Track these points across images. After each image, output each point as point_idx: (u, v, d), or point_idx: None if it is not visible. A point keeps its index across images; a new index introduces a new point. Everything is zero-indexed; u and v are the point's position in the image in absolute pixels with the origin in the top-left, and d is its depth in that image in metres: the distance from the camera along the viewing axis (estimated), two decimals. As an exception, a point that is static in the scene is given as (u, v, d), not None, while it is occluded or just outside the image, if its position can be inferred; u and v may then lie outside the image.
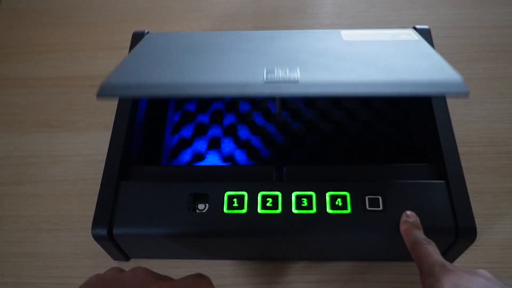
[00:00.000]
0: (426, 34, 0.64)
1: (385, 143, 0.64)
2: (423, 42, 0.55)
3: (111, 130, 0.58)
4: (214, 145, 0.65)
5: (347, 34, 0.58)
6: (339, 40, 0.56)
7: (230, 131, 0.66)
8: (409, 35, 0.59)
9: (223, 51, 0.54)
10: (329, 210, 0.50)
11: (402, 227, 0.48)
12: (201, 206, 0.52)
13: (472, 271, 0.41)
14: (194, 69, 0.49)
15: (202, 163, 0.63)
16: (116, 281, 0.38)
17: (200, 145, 0.65)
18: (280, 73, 0.46)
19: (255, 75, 0.45)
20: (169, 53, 0.55)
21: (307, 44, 0.55)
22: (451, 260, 0.55)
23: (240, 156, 0.64)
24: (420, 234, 0.47)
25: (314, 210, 0.50)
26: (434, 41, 0.63)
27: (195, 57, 0.53)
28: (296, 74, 0.45)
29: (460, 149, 0.54)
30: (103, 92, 0.45)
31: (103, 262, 0.59)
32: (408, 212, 0.49)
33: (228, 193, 0.52)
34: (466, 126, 0.68)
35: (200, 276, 0.41)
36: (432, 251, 0.45)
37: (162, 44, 0.58)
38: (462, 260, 0.55)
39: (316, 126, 0.66)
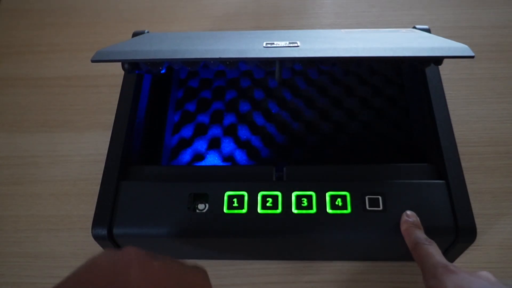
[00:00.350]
0: (426, 34, 0.64)
1: (385, 143, 0.64)
2: (425, 33, 0.55)
3: (111, 130, 0.58)
4: (214, 145, 0.66)
5: (347, 31, 0.58)
6: (338, 32, 0.56)
7: (230, 131, 0.66)
8: (410, 31, 0.59)
9: (223, 41, 0.54)
10: (329, 210, 0.50)
11: (403, 227, 0.48)
12: (201, 206, 0.52)
13: (475, 273, 0.41)
14: (192, 44, 0.50)
15: (202, 163, 0.63)
16: (110, 264, 0.37)
17: (200, 145, 0.66)
18: (280, 44, 0.47)
19: (255, 45, 0.46)
20: (168, 39, 0.56)
21: (307, 36, 0.56)
22: (451, 260, 0.55)
23: (240, 156, 0.64)
24: (421, 234, 0.47)
25: (314, 210, 0.50)
26: (434, 41, 0.63)
27: (193, 41, 0.53)
28: (297, 43, 0.46)
29: (460, 149, 0.54)
30: (98, 57, 0.46)
31: (103, 262, 0.59)
32: (408, 212, 0.49)
33: (228, 193, 0.52)
34: (466, 126, 0.68)
35: (196, 268, 0.40)
36: (434, 251, 0.45)
37: (161, 36, 0.58)
38: (462, 260, 0.55)
39: (316, 126, 0.66)
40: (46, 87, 0.77)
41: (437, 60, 0.54)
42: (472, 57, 0.45)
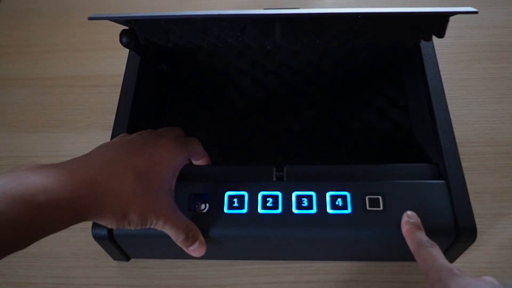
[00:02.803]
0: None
1: (386, 143, 0.64)
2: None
3: (111, 130, 0.58)
4: (214, 144, 0.65)
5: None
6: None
7: (230, 131, 0.66)
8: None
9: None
10: (329, 210, 0.50)
11: (404, 228, 0.48)
12: (201, 206, 0.52)
13: (479, 278, 0.41)
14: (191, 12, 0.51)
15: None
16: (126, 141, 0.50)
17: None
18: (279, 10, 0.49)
19: (254, 11, 0.48)
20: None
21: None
22: (451, 260, 0.55)
23: (241, 156, 0.64)
24: (423, 236, 0.47)
25: (314, 210, 0.50)
26: (434, 41, 0.63)
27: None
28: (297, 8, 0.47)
29: (460, 149, 0.54)
30: (96, 16, 0.48)
31: (103, 262, 0.59)
32: (409, 213, 0.49)
33: (228, 193, 0.52)
34: (466, 126, 0.68)
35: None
36: (437, 254, 0.44)
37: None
38: (462, 260, 0.56)
39: (316, 126, 0.66)
40: (46, 87, 0.77)
41: (439, 30, 0.54)
42: (475, 12, 0.45)
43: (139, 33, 0.55)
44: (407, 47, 0.64)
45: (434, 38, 0.63)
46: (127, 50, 0.64)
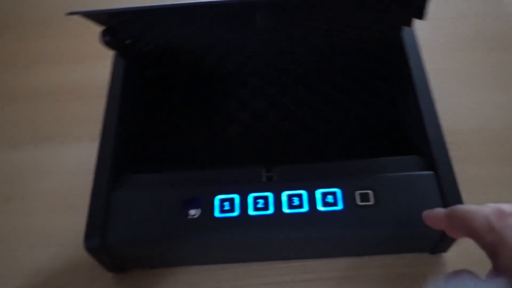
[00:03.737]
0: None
1: (374, 137, 0.64)
2: None
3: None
4: (203, 147, 0.65)
5: None
6: None
7: (219, 133, 0.66)
8: None
9: None
10: (320, 208, 0.50)
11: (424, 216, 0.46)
12: (192, 212, 0.52)
13: None
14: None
15: (192, 167, 0.63)
16: None
17: (189, 148, 0.65)
18: None
19: None
20: None
21: None
22: (444, 250, 0.56)
23: (230, 158, 0.64)
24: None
25: (305, 209, 0.50)
26: (418, 33, 0.63)
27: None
28: None
29: (449, 139, 0.54)
30: (75, 11, 0.47)
31: (97, 274, 0.58)
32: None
33: (218, 196, 0.52)
34: (454, 116, 0.68)
35: None
36: (472, 207, 0.39)
37: None
38: (455, 249, 0.56)
39: (304, 124, 0.66)
40: (32, 100, 0.76)
41: (419, 10, 0.54)
42: None
43: (120, 30, 0.55)
44: (390, 37, 0.64)
45: (416, 28, 0.63)
46: (112, 59, 0.64)
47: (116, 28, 0.55)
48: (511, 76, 0.71)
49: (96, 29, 0.56)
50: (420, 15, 0.54)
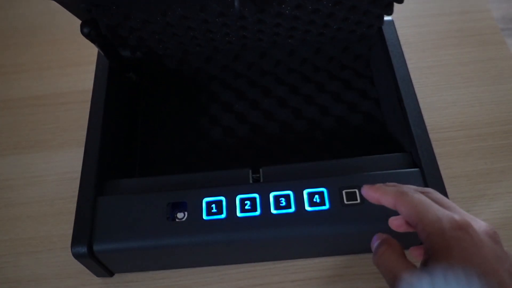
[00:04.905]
0: (390, 26, 0.64)
1: (359, 135, 0.65)
2: None
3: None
4: (189, 151, 0.65)
5: None
6: None
7: (204, 136, 0.66)
8: None
9: None
10: (307, 208, 0.51)
11: (366, 192, 0.44)
12: (180, 215, 0.51)
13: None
14: None
15: (179, 170, 0.63)
16: None
17: (175, 153, 0.65)
18: None
19: None
20: None
21: None
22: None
23: (216, 161, 0.64)
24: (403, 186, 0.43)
25: (292, 209, 0.51)
26: (399, 32, 0.64)
27: None
28: None
29: (433, 136, 0.55)
30: None
31: (86, 280, 0.58)
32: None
33: (206, 199, 0.52)
34: (436, 113, 0.69)
35: None
36: (430, 202, 0.39)
37: None
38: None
39: (289, 124, 0.66)
40: (15, 108, 0.75)
41: None
42: None
43: (100, 20, 0.55)
44: (369, 34, 0.65)
45: (397, 27, 0.64)
46: (94, 65, 0.64)
47: (95, 20, 0.55)
48: (493, 73, 0.72)
49: (76, 35, 0.56)
50: (389, 10, 0.55)
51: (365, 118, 0.66)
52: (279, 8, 0.56)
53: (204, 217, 0.51)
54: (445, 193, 0.50)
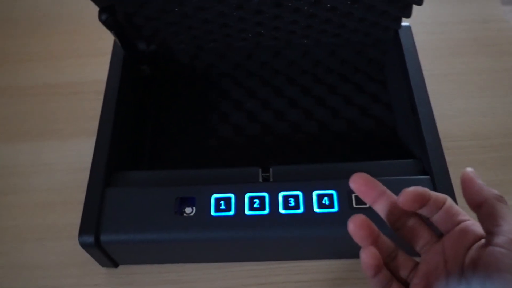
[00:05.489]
0: (407, 31, 0.64)
1: (370, 140, 0.65)
2: None
3: (95, 137, 0.58)
4: (199, 147, 0.65)
5: None
6: None
7: (215, 133, 0.66)
8: None
9: None
10: (316, 209, 0.50)
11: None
12: (188, 210, 0.52)
13: None
14: None
15: (188, 166, 0.63)
16: None
17: (185, 147, 0.65)
18: None
19: None
20: None
21: None
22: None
23: (226, 158, 0.64)
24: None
25: (301, 210, 0.50)
26: (415, 38, 0.64)
27: None
28: None
29: (444, 144, 0.55)
30: None
31: (91, 270, 0.58)
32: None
33: (215, 195, 0.52)
34: (449, 121, 0.68)
35: None
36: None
37: None
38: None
39: (301, 125, 0.66)
40: (28, 96, 0.76)
41: None
42: None
43: (117, 6, 0.55)
44: (384, 38, 0.65)
45: (414, 32, 0.64)
46: (108, 57, 0.64)
47: (113, 7, 0.55)
48: (508, 83, 0.72)
49: (92, 26, 0.56)
50: (407, 12, 0.54)
51: (376, 123, 0.66)
52: (297, 3, 0.55)
53: (212, 213, 0.51)
54: (455, 202, 0.50)
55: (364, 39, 0.65)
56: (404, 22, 0.64)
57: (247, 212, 0.51)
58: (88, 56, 0.80)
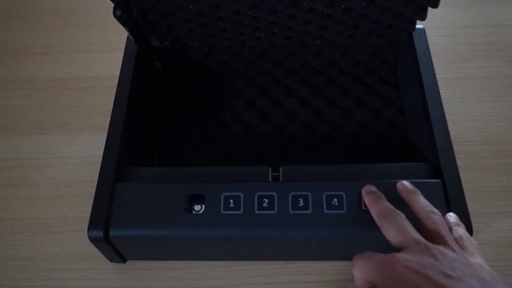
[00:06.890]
0: (421, 34, 0.64)
1: (381, 142, 0.64)
2: None
3: (106, 132, 0.58)
4: (210, 145, 0.66)
5: None
6: None
7: (226, 131, 0.66)
8: None
9: None
10: (325, 210, 0.50)
11: (366, 199, 0.49)
12: (197, 207, 0.52)
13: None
14: None
15: (198, 163, 0.63)
16: None
17: (196, 145, 0.66)
18: None
19: None
20: None
21: None
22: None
23: (236, 156, 0.64)
24: (387, 204, 0.47)
25: (310, 210, 0.50)
26: (429, 41, 0.63)
27: None
28: None
29: (456, 148, 0.54)
30: None
31: (99, 264, 0.59)
32: (367, 186, 0.50)
33: (224, 193, 0.52)
34: (462, 125, 0.68)
35: None
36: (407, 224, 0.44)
37: None
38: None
39: (312, 126, 0.66)
40: (41, 89, 0.76)
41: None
42: None
43: (132, 3, 0.55)
44: (398, 40, 0.64)
45: (428, 36, 0.63)
46: (122, 52, 0.64)
47: (128, 3, 0.56)
48: (521, 89, 0.71)
49: (106, 21, 0.57)
50: (433, 3, 0.54)
51: (387, 125, 0.66)
52: (312, 3, 0.55)
53: (221, 211, 0.51)
54: (465, 207, 0.50)
55: (377, 41, 0.65)
56: (418, 25, 0.63)
57: (256, 211, 0.51)
58: (101, 51, 0.81)
